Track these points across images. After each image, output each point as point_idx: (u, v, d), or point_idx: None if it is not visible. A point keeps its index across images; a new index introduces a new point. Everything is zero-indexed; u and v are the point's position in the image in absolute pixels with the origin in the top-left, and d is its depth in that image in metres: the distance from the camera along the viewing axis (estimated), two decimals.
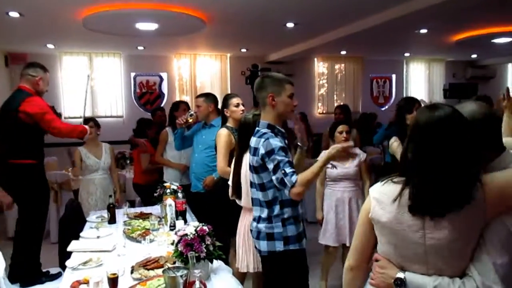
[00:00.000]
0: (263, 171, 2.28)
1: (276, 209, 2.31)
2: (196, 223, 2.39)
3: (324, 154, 2.30)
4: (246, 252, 2.82)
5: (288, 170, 2.17)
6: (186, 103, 5.08)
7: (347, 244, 3.60)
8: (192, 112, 4.07)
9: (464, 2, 4.37)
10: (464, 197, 1.29)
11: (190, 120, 4.03)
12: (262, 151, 2.23)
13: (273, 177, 2.22)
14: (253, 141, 2.36)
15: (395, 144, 2.63)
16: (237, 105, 3.54)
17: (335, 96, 9.68)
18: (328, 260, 3.80)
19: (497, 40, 7.20)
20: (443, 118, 1.35)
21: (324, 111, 9.49)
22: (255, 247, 2.46)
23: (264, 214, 2.34)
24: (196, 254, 2.17)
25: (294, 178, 2.16)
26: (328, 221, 3.69)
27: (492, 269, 1.29)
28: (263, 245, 2.35)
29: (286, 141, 2.38)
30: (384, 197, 1.43)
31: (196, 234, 2.24)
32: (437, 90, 10.32)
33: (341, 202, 3.66)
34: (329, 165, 3.52)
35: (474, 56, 9.95)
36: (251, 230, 2.48)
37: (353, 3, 4.77)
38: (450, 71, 10.54)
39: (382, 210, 1.42)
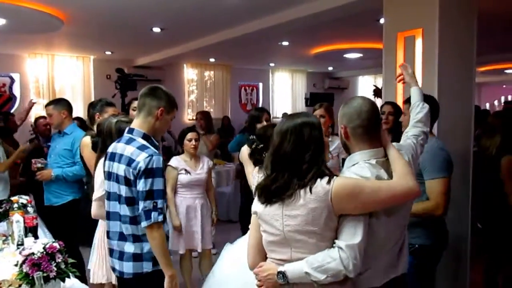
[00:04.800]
0: (136, 184, 2.03)
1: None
2: (45, 240, 2.17)
3: None
4: (101, 262, 2.66)
5: (160, 205, 2.00)
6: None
7: (199, 250, 3.61)
8: (38, 164, 3.69)
9: (316, 19, 4.77)
10: (303, 189, 1.52)
11: (38, 175, 3.68)
12: (141, 165, 1.98)
13: (141, 202, 2.00)
14: (124, 149, 2.09)
15: (244, 152, 2.82)
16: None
17: (204, 102, 9.79)
18: (186, 266, 3.71)
19: (348, 55, 8.04)
20: (297, 124, 1.58)
21: (193, 117, 9.49)
22: (113, 268, 2.24)
23: (129, 231, 2.10)
24: (44, 274, 1.97)
25: (160, 217, 2.00)
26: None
27: (354, 233, 1.50)
28: (128, 267, 2.09)
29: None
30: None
31: (44, 252, 2.04)
32: (300, 98, 11.11)
33: (192, 209, 3.60)
34: (183, 171, 3.57)
35: (330, 68, 10.96)
36: (110, 250, 2.23)
37: (219, 12, 4.87)
38: (311, 81, 11.45)
39: (258, 203, 1.66)
